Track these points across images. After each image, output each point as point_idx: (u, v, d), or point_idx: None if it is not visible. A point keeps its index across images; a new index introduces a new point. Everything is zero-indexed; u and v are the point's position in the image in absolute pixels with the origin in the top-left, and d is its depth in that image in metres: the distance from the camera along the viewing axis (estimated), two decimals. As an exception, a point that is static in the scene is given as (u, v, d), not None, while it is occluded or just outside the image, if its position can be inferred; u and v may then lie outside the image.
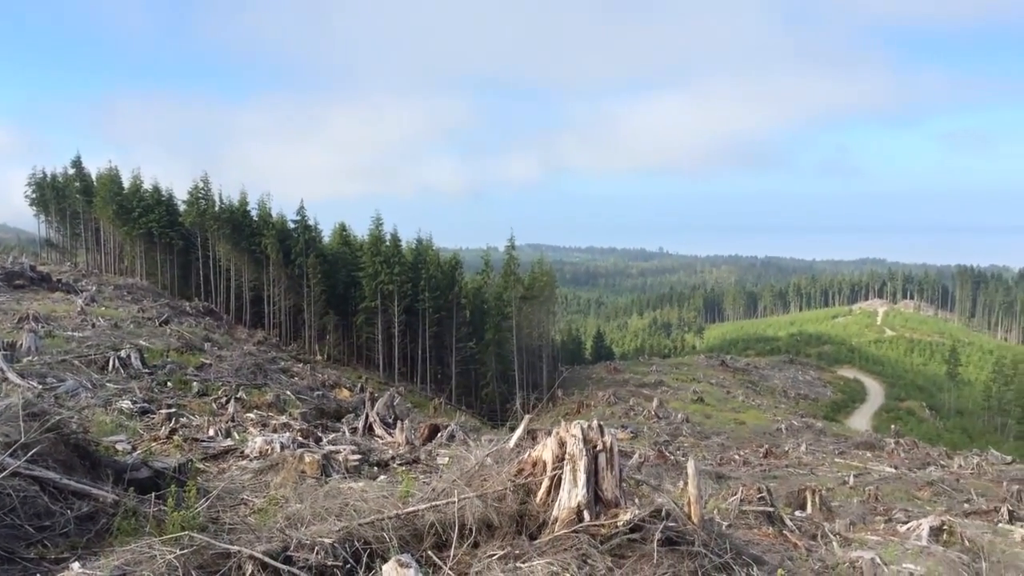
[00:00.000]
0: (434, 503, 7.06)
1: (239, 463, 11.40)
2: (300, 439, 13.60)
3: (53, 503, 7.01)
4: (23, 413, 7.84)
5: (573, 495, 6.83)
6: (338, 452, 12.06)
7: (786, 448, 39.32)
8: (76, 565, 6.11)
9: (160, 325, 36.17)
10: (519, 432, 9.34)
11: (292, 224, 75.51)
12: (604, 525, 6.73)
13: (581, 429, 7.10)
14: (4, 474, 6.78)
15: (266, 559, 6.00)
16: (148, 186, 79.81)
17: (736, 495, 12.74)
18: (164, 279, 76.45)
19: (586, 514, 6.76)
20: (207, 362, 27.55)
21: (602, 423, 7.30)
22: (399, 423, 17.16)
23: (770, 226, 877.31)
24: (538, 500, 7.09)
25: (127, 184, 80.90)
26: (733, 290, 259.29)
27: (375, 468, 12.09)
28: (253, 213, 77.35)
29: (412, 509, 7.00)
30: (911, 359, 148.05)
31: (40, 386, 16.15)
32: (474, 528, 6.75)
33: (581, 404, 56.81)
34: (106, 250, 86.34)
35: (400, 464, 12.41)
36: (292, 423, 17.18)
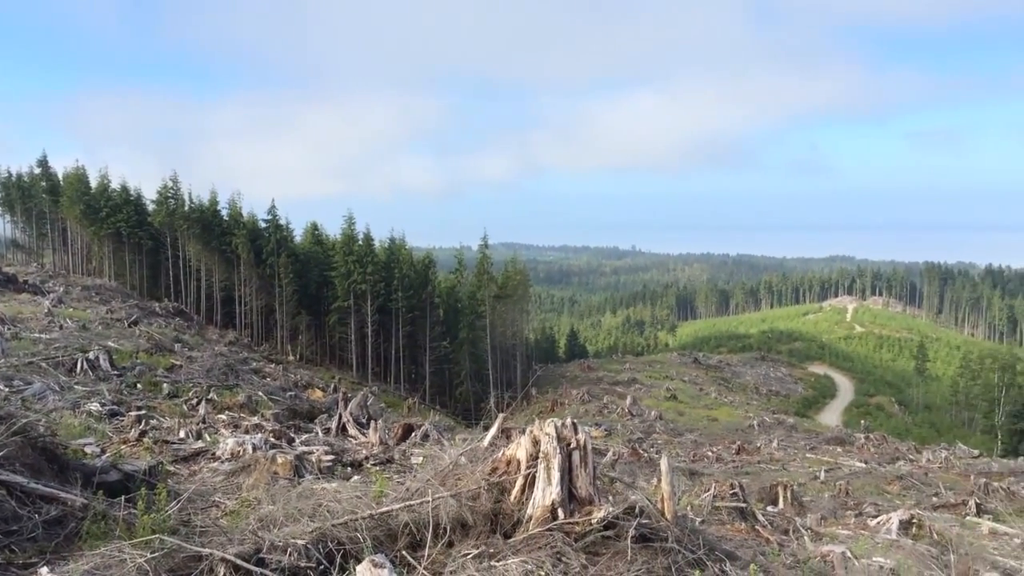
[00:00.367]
0: (408, 503, 7.04)
1: (210, 465, 11.30)
2: (272, 440, 13.50)
3: (20, 507, 6.90)
4: (-12, 416, 7.70)
5: (547, 493, 6.84)
6: (311, 453, 11.99)
7: (758, 444, 39.65)
8: (44, 570, 6.02)
9: (129, 326, 35.74)
10: (493, 431, 9.34)
11: (263, 223, 74.90)
12: (578, 523, 6.74)
13: (555, 427, 7.11)
14: (-31, 479, 6.66)
15: (238, 561, 5.95)
16: (116, 185, 78.88)
17: (709, 491, 12.84)
18: (133, 280, 75.53)
19: (560, 512, 6.78)
20: (177, 363, 27.25)
21: (576, 421, 7.32)
22: (372, 423, 17.08)
23: (742, 224, 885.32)
24: (512, 499, 7.10)
25: (94, 183, 79.82)
26: (705, 288, 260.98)
27: (348, 468, 12.03)
28: (224, 212, 76.65)
29: (386, 509, 6.98)
30: (880, 355, 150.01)
31: (7, 389, 15.89)
32: (448, 527, 6.74)
33: (555, 402, 56.93)
34: (73, 250, 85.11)
35: (374, 464, 12.37)
36: (264, 424, 17.05)
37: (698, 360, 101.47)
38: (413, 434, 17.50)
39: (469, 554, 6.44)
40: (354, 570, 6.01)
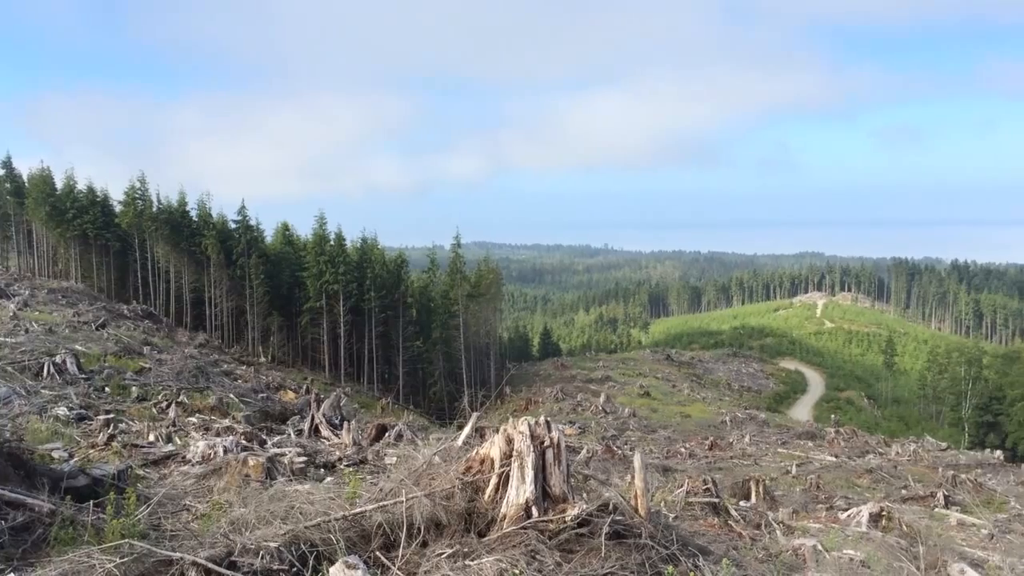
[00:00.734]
0: (382, 503, 7.01)
1: (181, 468, 11.18)
2: (244, 442, 13.39)
3: (-15, 514, 6.78)
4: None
5: (521, 491, 6.85)
6: (283, 455, 11.91)
7: (731, 440, 39.94)
8: (11, 577, 5.93)
9: (97, 329, 35.27)
10: (467, 430, 9.34)
11: (233, 224, 74.19)
12: (552, 520, 6.76)
13: (528, 426, 7.12)
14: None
15: (209, 565, 5.90)
16: (82, 187, 77.66)
17: (682, 487, 12.92)
18: (100, 282, 74.50)
19: (534, 510, 6.78)
20: (147, 366, 26.93)
21: (549, 419, 7.33)
22: (346, 424, 17.01)
23: (713, 221, 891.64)
24: (486, 497, 7.10)
25: (60, 185, 78.57)
26: (677, 285, 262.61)
27: (321, 470, 11.97)
28: (192, 213, 75.84)
29: (359, 510, 6.95)
30: (850, 350, 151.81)
31: (-30, 394, 15.62)
32: (422, 527, 6.73)
33: (529, 401, 56.96)
34: (39, 253, 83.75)
35: (347, 465, 12.31)
36: (235, 426, 16.90)
37: (671, 357, 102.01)
38: (387, 434, 17.45)
39: (443, 554, 6.43)
40: (327, 572, 5.98)
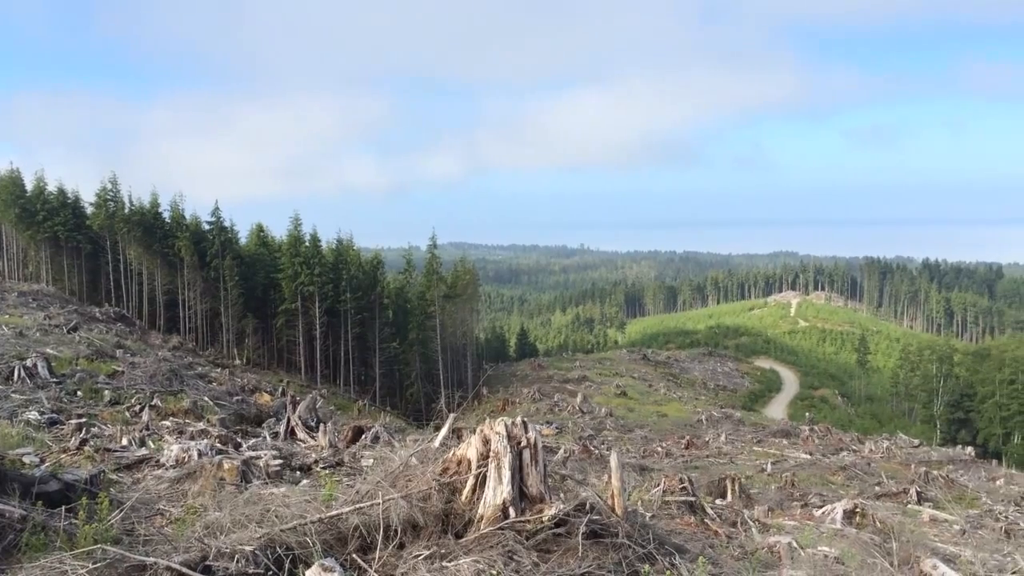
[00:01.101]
0: (358, 505, 6.98)
1: (155, 472, 11.07)
2: (219, 446, 13.28)
3: (-46, 521, 6.67)
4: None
5: (498, 492, 6.85)
6: (259, 458, 11.82)
7: (707, 438, 40.19)
8: (-20, 585, 5.84)
9: (68, 332, 34.83)
10: (444, 431, 9.32)
11: (207, 226, 73.56)
12: (529, 521, 6.76)
13: (505, 426, 7.12)
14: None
15: (183, 570, 5.85)
16: (53, 188, 76.58)
17: (659, 486, 12.97)
18: (72, 284, 73.57)
19: (511, 511, 6.79)
20: (119, 369, 26.62)
21: (526, 419, 7.33)
22: (322, 426, 16.91)
23: (688, 221, 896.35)
24: (463, 498, 7.09)
25: (30, 186, 77.44)
26: (653, 285, 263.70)
27: (297, 472, 11.89)
28: (166, 215, 75.09)
29: (335, 512, 6.91)
30: (823, 348, 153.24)
31: (-62, 399, 15.38)
32: (399, 529, 6.71)
33: (506, 401, 56.94)
34: (8, 255, 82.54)
35: (323, 467, 12.24)
36: (210, 430, 16.77)
37: (647, 357, 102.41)
38: (363, 436, 17.36)
39: (420, 555, 6.41)
40: (303, 575, 5.95)
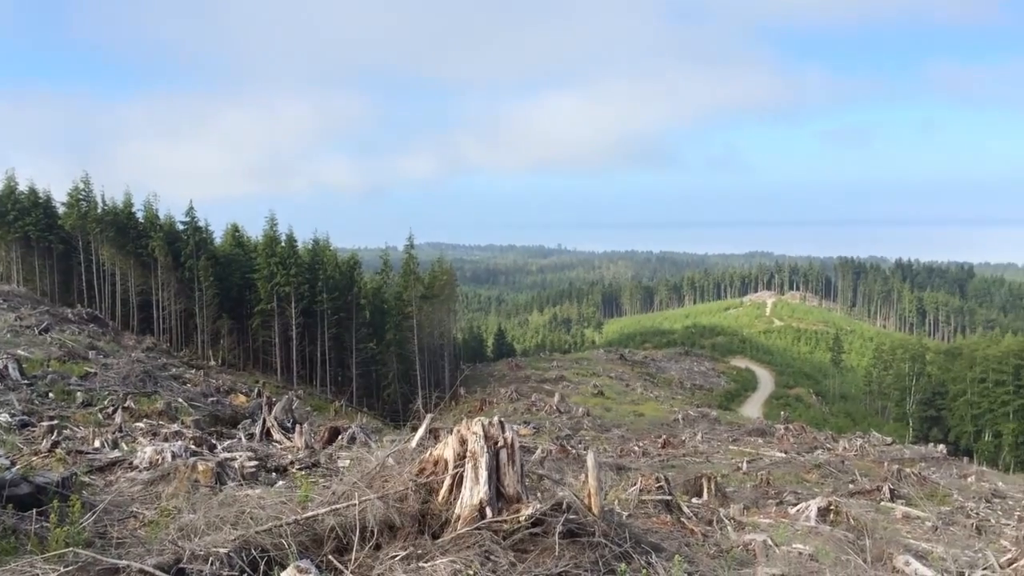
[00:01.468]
0: (334, 506, 6.95)
1: (128, 475, 10.95)
2: (193, 447, 13.17)
3: (-79, 526, 6.57)
4: None
5: (475, 492, 6.84)
6: (234, 459, 11.74)
7: (683, 438, 40.39)
8: (-52, 590, 5.76)
9: (40, 333, 34.39)
10: (421, 432, 9.30)
11: (181, 226, 72.91)
12: (506, 521, 6.76)
13: (482, 426, 7.12)
14: None
15: (157, 573, 5.79)
16: (24, 188, 75.60)
17: (635, 485, 13.01)
18: (43, 285, 72.60)
19: (488, 511, 6.78)
20: (92, 371, 26.33)
21: (503, 420, 7.33)
22: (298, 427, 16.82)
23: (664, 222, 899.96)
24: (440, 499, 7.08)
25: (0, 186, 76.48)
26: (630, 285, 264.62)
27: (273, 474, 11.82)
28: (139, 215, 74.30)
29: (311, 514, 6.88)
30: (798, 348, 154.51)
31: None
32: (376, 530, 6.68)
33: (484, 402, 56.94)
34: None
35: (299, 469, 12.18)
36: (184, 431, 16.61)
37: (624, 356, 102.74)
38: (340, 437, 17.28)
39: (397, 556, 6.39)
40: (279, 577, 5.91)
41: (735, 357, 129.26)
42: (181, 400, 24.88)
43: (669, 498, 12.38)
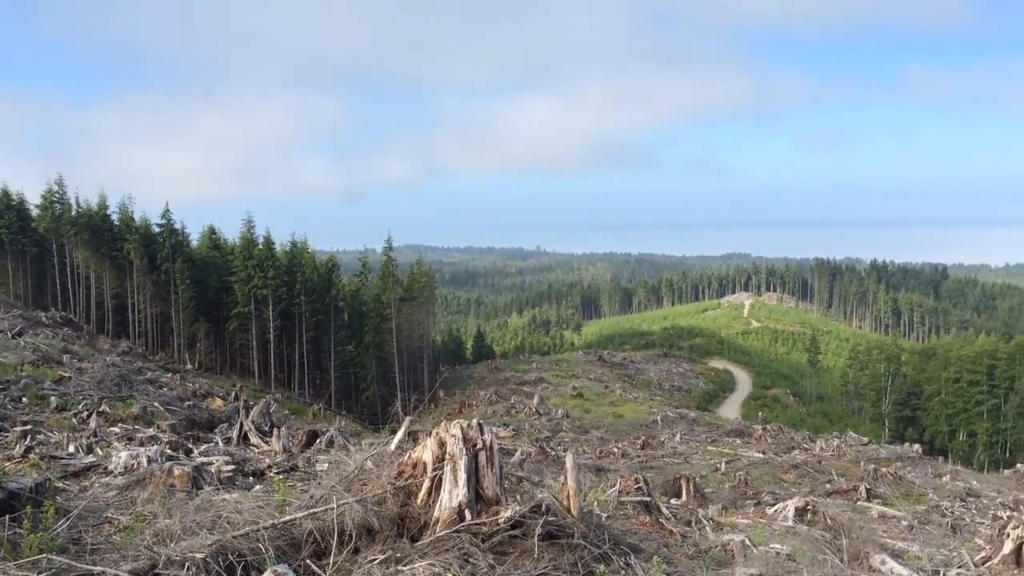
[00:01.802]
0: (312, 510, 6.91)
1: (103, 480, 10.82)
2: (169, 452, 13.03)
3: None
4: None
5: (454, 495, 6.83)
6: (210, 463, 11.64)
7: (662, 439, 40.55)
8: (-82, 599, 5.67)
9: (13, 337, 33.97)
10: (400, 434, 9.27)
11: (157, 228, 72.18)
12: (485, 523, 6.75)
13: (461, 428, 7.11)
14: None
15: (132, 579, 5.73)
16: (-4, 190, 74.69)
17: (614, 487, 13.04)
18: (16, 288, 71.69)
19: (467, 513, 6.77)
20: (66, 375, 26.05)
21: (482, 422, 7.32)
22: (276, 431, 16.70)
23: (642, 223, 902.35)
24: (419, 502, 7.05)
25: (-28, 189, 75.48)
26: (609, 287, 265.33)
27: (250, 478, 11.73)
28: (114, 217, 73.49)
29: (289, 518, 6.83)
30: (775, 349, 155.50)
31: None
32: (354, 534, 6.65)
33: (463, 404, 56.90)
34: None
35: (277, 472, 12.09)
36: (160, 436, 16.45)
37: (603, 358, 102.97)
38: (318, 440, 17.18)
39: (375, 559, 6.37)
40: (256, 582, 5.87)
41: (713, 358, 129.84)
42: (157, 404, 24.68)
43: (648, 499, 12.41)
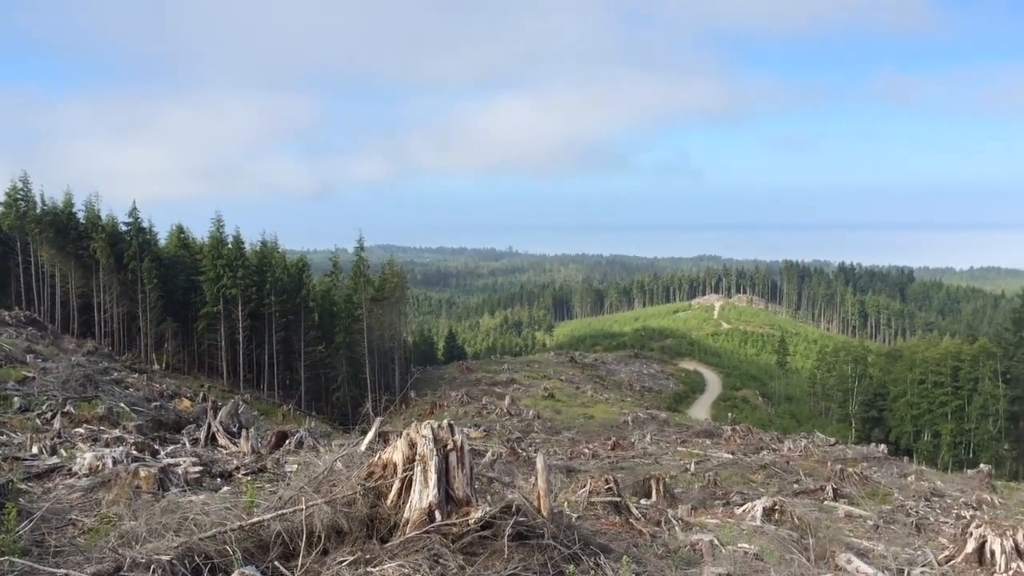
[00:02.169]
0: (280, 512, 6.85)
1: (67, 481, 10.66)
2: (135, 453, 12.86)
3: None
4: None
5: (424, 496, 6.81)
6: (177, 465, 11.51)
7: (632, 440, 40.71)
8: None
9: (-25, 337, 33.36)
10: (370, 435, 9.23)
11: (124, 227, 71.25)
12: (456, 524, 6.74)
13: (431, 429, 7.09)
14: None
15: (97, 582, 5.65)
16: (-42, 188, 73.31)
17: (585, 487, 13.08)
18: (-21, 287, 70.48)
19: (437, 514, 6.75)
20: (30, 375, 25.65)
21: (453, 422, 7.31)
22: (244, 432, 16.55)
23: (614, 225, 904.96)
24: (389, 503, 7.03)
25: (-66, 186, 74.00)
26: (581, 288, 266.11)
27: (218, 479, 11.62)
28: (80, 215, 72.45)
29: (257, 519, 6.77)
30: (745, 350, 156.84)
31: None
32: (323, 535, 6.61)
33: (434, 405, 56.77)
34: (-90, 256, 78.64)
35: (245, 474, 11.99)
36: (126, 437, 16.24)
37: (574, 359, 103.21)
38: (287, 441, 17.05)
39: (344, 561, 6.33)
40: (223, 584, 5.81)
41: (684, 359, 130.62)
42: (123, 405, 24.34)
43: (618, 499, 12.46)
